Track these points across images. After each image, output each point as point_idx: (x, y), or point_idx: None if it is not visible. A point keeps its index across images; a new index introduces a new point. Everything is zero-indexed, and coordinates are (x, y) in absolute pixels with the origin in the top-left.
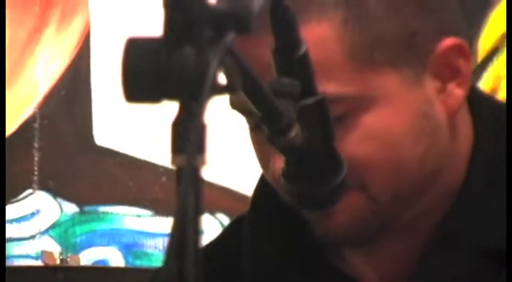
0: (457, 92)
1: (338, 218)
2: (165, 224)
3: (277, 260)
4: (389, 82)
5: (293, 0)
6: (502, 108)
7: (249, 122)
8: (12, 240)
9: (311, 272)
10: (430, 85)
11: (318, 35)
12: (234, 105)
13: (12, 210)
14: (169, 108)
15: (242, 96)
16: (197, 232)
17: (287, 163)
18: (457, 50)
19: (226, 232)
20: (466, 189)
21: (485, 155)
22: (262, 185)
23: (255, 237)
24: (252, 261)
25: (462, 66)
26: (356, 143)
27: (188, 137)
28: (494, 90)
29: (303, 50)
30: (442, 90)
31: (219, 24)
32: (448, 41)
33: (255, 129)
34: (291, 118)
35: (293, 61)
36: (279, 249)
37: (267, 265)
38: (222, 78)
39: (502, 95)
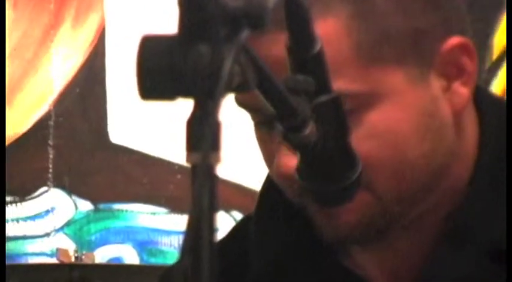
0: (462, 90)
1: (345, 217)
2: (180, 222)
3: (283, 259)
4: (395, 79)
5: None
6: (499, 103)
7: (253, 118)
8: (27, 237)
9: (318, 271)
10: (436, 83)
11: (324, 31)
12: (240, 102)
13: (27, 208)
14: (184, 106)
15: (256, 94)
16: (212, 229)
17: (301, 160)
18: (463, 48)
19: (236, 230)
20: (473, 187)
21: (491, 152)
22: (269, 184)
23: (261, 237)
24: (258, 260)
25: (467, 65)
26: (360, 140)
27: (203, 134)
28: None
29: (317, 47)
30: (447, 89)
31: (234, 21)
32: (454, 40)
33: (260, 126)
34: (305, 115)
35: (308, 58)
36: (284, 248)
37: (272, 264)
38: (236, 76)
39: None
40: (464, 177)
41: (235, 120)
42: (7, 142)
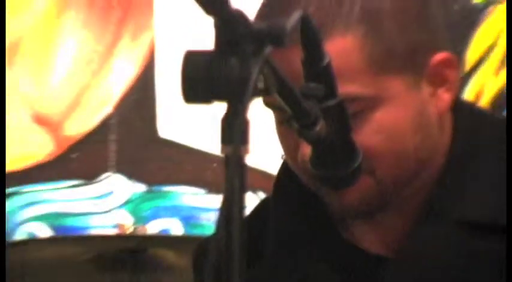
0: (446, 96)
1: (350, 197)
2: (216, 201)
3: (296, 235)
4: (395, 86)
5: (322, 17)
6: (473, 111)
7: (276, 117)
8: (93, 213)
9: (322, 242)
10: (425, 90)
11: (343, 46)
12: (267, 103)
13: (93, 190)
14: (219, 107)
15: (276, 98)
16: (241, 207)
17: (313, 152)
18: (447, 62)
19: (258, 207)
20: (446, 173)
21: (461, 147)
22: (283, 171)
23: (277, 216)
24: (274, 236)
25: (450, 76)
26: (368, 134)
27: (234, 130)
28: (479, 94)
29: (326, 60)
30: (433, 94)
31: (259, 40)
32: (440, 55)
33: (281, 123)
34: (316, 115)
35: (318, 70)
36: (297, 226)
37: (286, 240)
38: (260, 83)
39: (485, 99)
40: (441, 165)
41: (260, 119)
42: (78, 137)
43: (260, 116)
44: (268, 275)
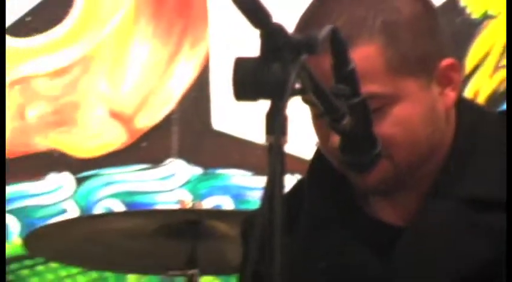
0: (451, 94)
1: (372, 178)
2: (261, 181)
3: (326, 210)
4: (410, 86)
5: (349, 30)
6: (473, 107)
7: (312, 111)
8: (158, 192)
9: (347, 216)
10: (435, 89)
11: (367, 53)
12: (304, 100)
13: (158, 172)
14: (264, 105)
15: (311, 96)
16: (282, 187)
17: (341, 141)
18: (452, 66)
19: (295, 187)
20: (450, 159)
21: (463, 138)
22: (317, 157)
23: (310, 195)
24: (308, 212)
25: (455, 78)
26: (387, 126)
27: (275, 123)
28: (476, 94)
29: (351, 66)
30: (441, 93)
31: (296, 48)
32: (447, 61)
33: (316, 116)
34: (344, 111)
35: (345, 73)
36: (327, 202)
37: (318, 215)
38: (298, 84)
39: (481, 98)
40: (447, 152)
41: (297, 114)
42: (146, 129)
43: (299, 111)
44: (298, 249)
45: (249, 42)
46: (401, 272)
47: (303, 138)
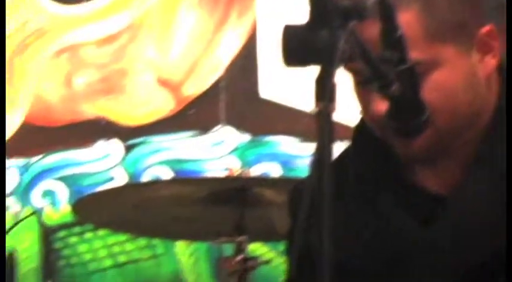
0: (492, 62)
1: (415, 145)
2: (309, 148)
3: (370, 180)
4: (449, 52)
5: None
6: None
7: (355, 79)
8: (207, 159)
9: (394, 185)
10: (475, 56)
11: (406, 19)
12: (348, 68)
13: (207, 140)
14: (313, 71)
15: (359, 63)
16: (330, 154)
17: (390, 107)
18: (492, 34)
19: (341, 155)
20: (492, 127)
21: (507, 103)
22: (360, 125)
23: (355, 162)
24: (353, 178)
25: (495, 45)
26: (427, 92)
27: (325, 90)
28: None
29: (399, 32)
30: (481, 61)
31: (345, 14)
32: (486, 28)
33: (360, 84)
34: (392, 77)
35: (393, 39)
36: (371, 169)
37: (362, 185)
38: (346, 51)
39: None
40: (488, 120)
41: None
42: (194, 96)
43: (343, 79)
44: (343, 216)
45: (295, 11)
46: (440, 241)
47: (350, 105)
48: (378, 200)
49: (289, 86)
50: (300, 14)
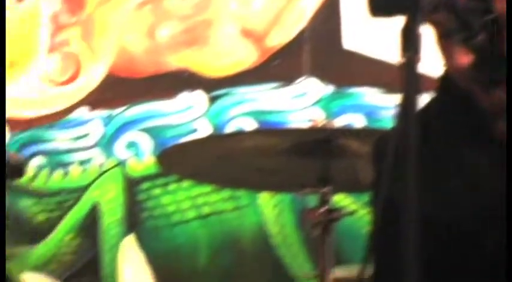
0: None
1: (498, 95)
2: (394, 99)
3: (453, 132)
4: None
5: None
6: None
7: (437, 31)
8: (291, 110)
9: (478, 139)
10: None
11: None
12: (431, 20)
13: (291, 91)
14: (398, 21)
15: (444, 14)
16: (416, 105)
17: (476, 58)
18: None
19: (426, 106)
20: None
21: None
22: (444, 77)
23: (439, 113)
24: (436, 134)
25: None
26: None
27: (411, 40)
28: None
29: None
30: None
31: None
32: None
33: (442, 36)
34: (477, 28)
35: None
36: (457, 123)
37: (445, 137)
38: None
39: None
40: None
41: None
42: (278, 47)
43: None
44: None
45: None
46: None
47: (433, 57)
48: (462, 152)
49: (373, 36)
50: None
